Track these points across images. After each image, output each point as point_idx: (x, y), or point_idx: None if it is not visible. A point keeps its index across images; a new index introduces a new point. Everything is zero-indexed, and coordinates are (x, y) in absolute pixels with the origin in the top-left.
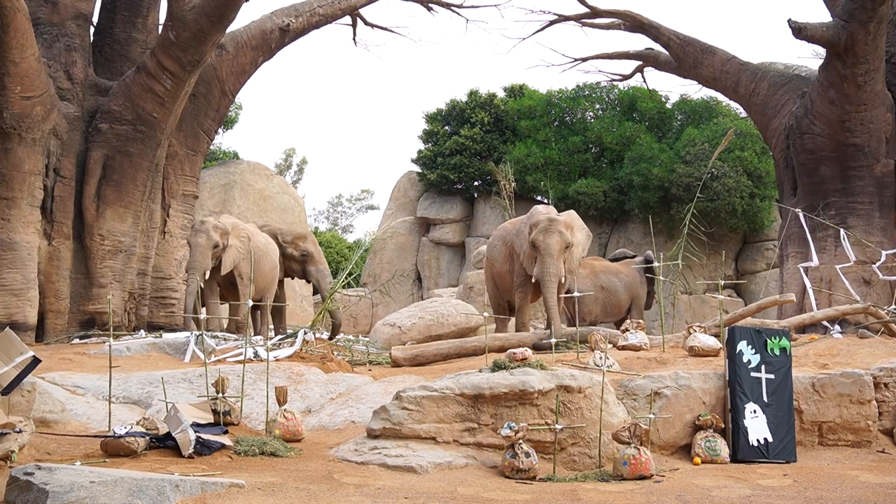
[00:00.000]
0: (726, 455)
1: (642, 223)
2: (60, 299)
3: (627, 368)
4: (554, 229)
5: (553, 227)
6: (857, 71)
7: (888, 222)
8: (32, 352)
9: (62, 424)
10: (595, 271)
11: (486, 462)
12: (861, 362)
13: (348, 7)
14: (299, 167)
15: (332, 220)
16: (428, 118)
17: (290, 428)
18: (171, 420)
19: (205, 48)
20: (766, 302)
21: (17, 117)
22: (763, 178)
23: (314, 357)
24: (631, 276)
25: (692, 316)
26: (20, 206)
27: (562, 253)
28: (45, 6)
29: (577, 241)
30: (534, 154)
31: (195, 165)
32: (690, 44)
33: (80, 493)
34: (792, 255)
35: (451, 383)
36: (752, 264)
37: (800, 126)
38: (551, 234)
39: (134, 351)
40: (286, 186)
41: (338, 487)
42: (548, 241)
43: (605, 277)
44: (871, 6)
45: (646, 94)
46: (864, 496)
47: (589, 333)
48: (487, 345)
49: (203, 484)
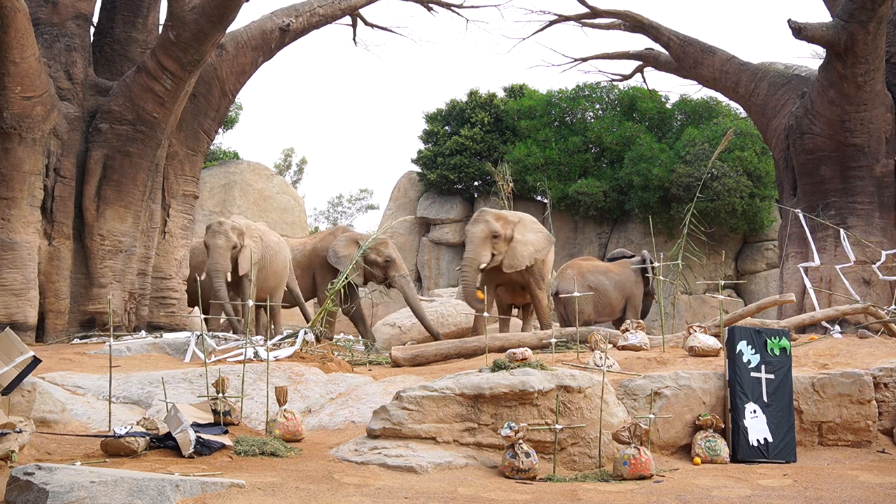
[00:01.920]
0: (726, 455)
1: (642, 223)
2: (60, 299)
3: (627, 368)
4: (481, 219)
5: (480, 217)
6: (857, 71)
7: (888, 222)
8: (32, 352)
9: (62, 424)
10: (583, 271)
11: (486, 462)
12: (861, 362)
13: (348, 7)
14: (299, 167)
15: (332, 220)
16: (428, 118)
17: (290, 428)
18: (172, 420)
19: (205, 48)
20: (766, 302)
21: (18, 117)
22: (763, 178)
23: (314, 357)
24: (623, 275)
25: (692, 316)
26: (20, 206)
27: (485, 241)
28: (45, 6)
29: (527, 239)
30: (534, 154)
31: (195, 165)
32: (690, 44)
33: (81, 493)
34: (792, 255)
35: (451, 383)
36: (752, 264)
37: (800, 126)
38: (476, 224)
39: (134, 351)
40: (286, 186)
41: (338, 487)
42: (472, 229)
43: (592, 277)
44: (871, 6)
45: (646, 94)
46: (864, 496)
47: (589, 333)
48: (487, 345)
49: (203, 484)
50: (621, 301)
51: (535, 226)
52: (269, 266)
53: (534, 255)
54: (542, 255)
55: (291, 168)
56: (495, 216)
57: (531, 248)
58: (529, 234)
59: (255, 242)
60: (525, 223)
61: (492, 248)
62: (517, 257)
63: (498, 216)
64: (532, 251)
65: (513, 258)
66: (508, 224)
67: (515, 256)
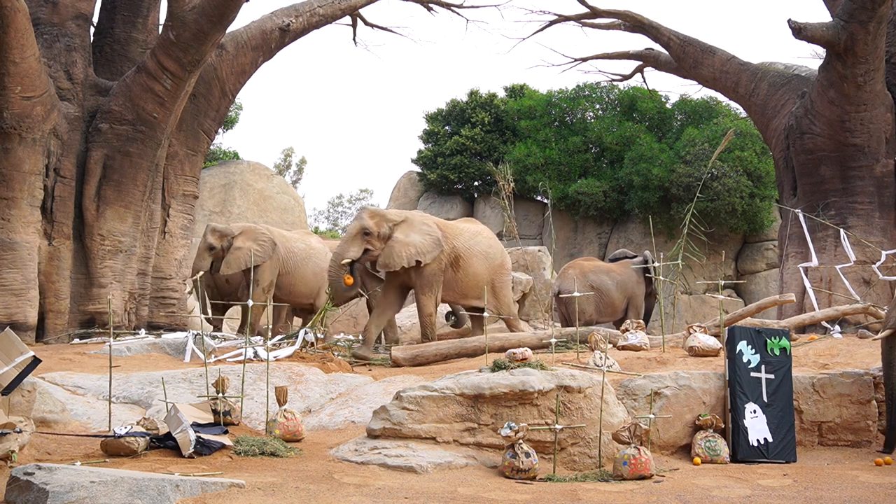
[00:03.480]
0: (726, 455)
1: (642, 223)
2: (60, 299)
3: (627, 368)
4: (357, 216)
5: (358, 214)
6: (857, 71)
7: (888, 222)
8: (32, 352)
9: (62, 424)
10: (584, 271)
11: (486, 462)
12: (861, 362)
13: (348, 7)
14: (299, 167)
15: (332, 220)
16: (428, 118)
17: (290, 428)
18: (172, 420)
19: (205, 48)
20: (766, 302)
21: (18, 117)
22: (763, 178)
23: (314, 357)
24: (625, 275)
25: (692, 316)
26: (20, 206)
27: (356, 237)
28: (45, 6)
29: (409, 240)
30: (534, 154)
31: (195, 165)
32: (690, 44)
33: (80, 493)
34: (792, 255)
35: (451, 383)
36: (752, 264)
37: (800, 126)
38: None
39: (134, 351)
40: (286, 186)
41: (338, 487)
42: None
43: (594, 277)
44: (871, 6)
45: (646, 95)
46: (864, 496)
47: (589, 333)
48: (487, 345)
49: (203, 484)
50: (623, 301)
51: (425, 227)
52: (295, 272)
53: (414, 257)
54: (427, 259)
55: (291, 168)
56: (371, 214)
57: (412, 249)
58: (414, 235)
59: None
60: (412, 223)
61: (364, 245)
62: (393, 256)
63: (374, 214)
64: (412, 252)
65: (388, 257)
66: (386, 222)
67: (392, 255)
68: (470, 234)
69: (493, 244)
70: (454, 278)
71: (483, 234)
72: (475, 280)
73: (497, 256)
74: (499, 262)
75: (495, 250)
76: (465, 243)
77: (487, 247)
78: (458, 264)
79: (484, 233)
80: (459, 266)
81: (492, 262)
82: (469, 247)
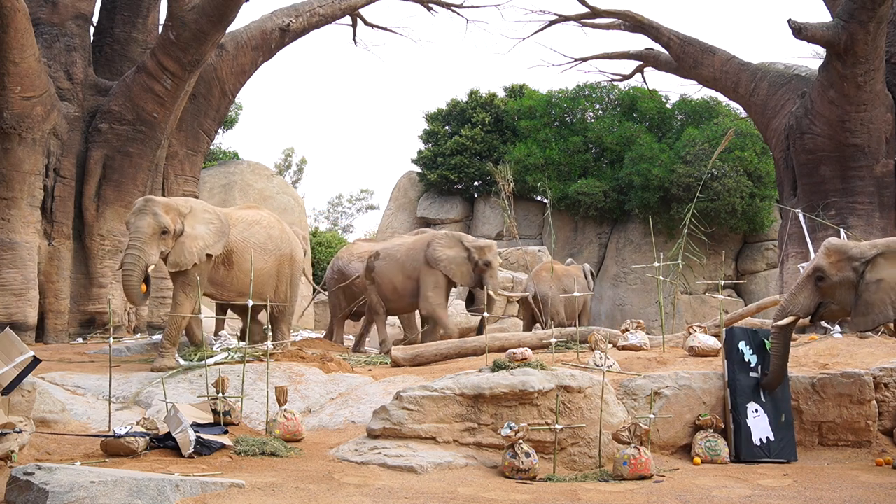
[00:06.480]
0: (726, 455)
1: (642, 223)
2: (60, 299)
3: (627, 368)
4: (147, 210)
5: (146, 208)
6: (857, 71)
7: (888, 222)
8: (32, 352)
9: (62, 424)
10: (559, 275)
11: (486, 462)
12: (861, 362)
13: (348, 7)
14: (299, 167)
15: (332, 220)
16: (428, 118)
17: (290, 428)
18: (171, 420)
19: (205, 48)
20: (766, 302)
21: (18, 117)
22: (763, 178)
23: (314, 357)
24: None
25: (692, 316)
26: (20, 206)
27: (153, 238)
28: (45, 6)
29: (197, 233)
30: (534, 154)
31: (195, 165)
32: (690, 44)
33: (80, 493)
34: (792, 255)
35: (451, 383)
36: (752, 264)
37: (800, 126)
38: (143, 216)
39: (134, 351)
40: (286, 186)
41: (338, 487)
42: (138, 223)
43: (567, 281)
44: (871, 6)
45: (646, 95)
46: (864, 496)
47: (589, 333)
48: (487, 345)
49: (203, 484)
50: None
51: (207, 216)
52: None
53: (204, 251)
54: (214, 251)
55: (291, 168)
56: (164, 207)
57: (201, 242)
58: (200, 227)
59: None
60: (196, 213)
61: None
62: (185, 254)
63: (167, 207)
64: (202, 246)
65: (179, 255)
66: (180, 217)
67: (183, 253)
68: (245, 224)
69: (273, 234)
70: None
71: (262, 222)
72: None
73: (281, 248)
74: (285, 252)
75: (277, 241)
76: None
77: (266, 238)
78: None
79: (263, 221)
80: (232, 262)
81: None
82: (243, 238)
